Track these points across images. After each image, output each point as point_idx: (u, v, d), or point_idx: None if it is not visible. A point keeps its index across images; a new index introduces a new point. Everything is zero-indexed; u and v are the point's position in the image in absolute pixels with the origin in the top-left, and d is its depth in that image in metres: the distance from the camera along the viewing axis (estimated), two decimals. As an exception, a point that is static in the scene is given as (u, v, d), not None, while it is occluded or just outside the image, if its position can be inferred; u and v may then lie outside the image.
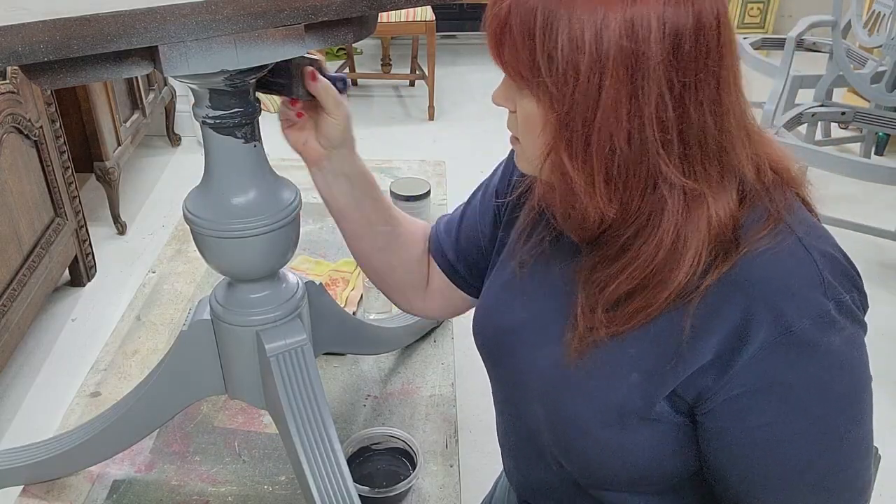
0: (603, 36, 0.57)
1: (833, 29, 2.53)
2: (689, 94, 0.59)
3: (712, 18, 0.59)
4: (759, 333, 0.62)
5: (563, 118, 0.60)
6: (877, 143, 3.33)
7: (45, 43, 0.56)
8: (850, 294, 0.65)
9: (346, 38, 0.71)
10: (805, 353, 0.62)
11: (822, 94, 2.66)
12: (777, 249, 0.63)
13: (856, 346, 0.65)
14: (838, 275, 0.64)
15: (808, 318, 0.61)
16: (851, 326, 0.65)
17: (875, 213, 2.95)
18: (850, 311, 0.65)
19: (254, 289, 0.84)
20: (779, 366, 0.62)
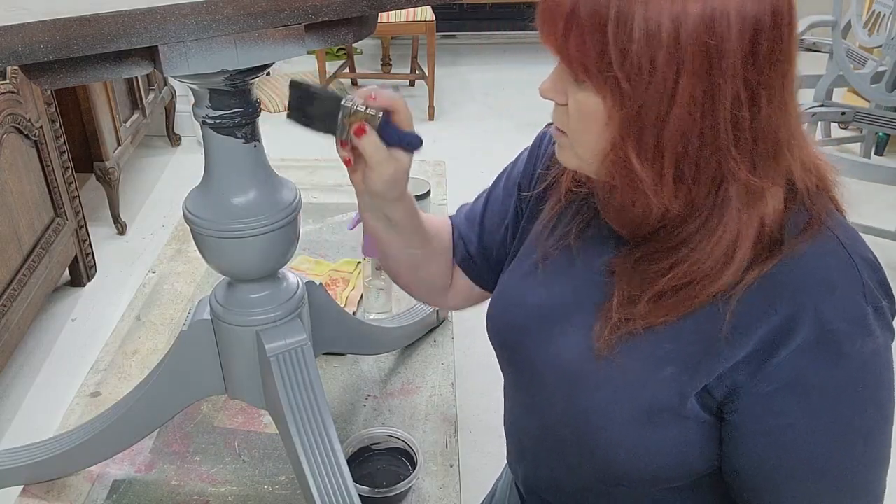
0: (681, 30, 0.55)
1: (833, 29, 2.53)
2: (763, 92, 0.58)
3: (786, 12, 0.58)
4: (798, 332, 0.62)
5: (634, 114, 0.59)
6: (877, 143, 3.33)
7: (45, 43, 0.56)
8: (885, 300, 0.64)
9: (346, 38, 0.71)
10: (838, 356, 0.62)
11: (822, 94, 2.66)
12: (820, 251, 0.64)
13: (886, 354, 0.64)
14: (875, 281, 0.64)
15: (847, 321, 0.61)
16: (883, 335, 0.64)
17: (875, 213, 2.95)
18: (885, 317, 0.64)
19: (254, 289, 0.84)
20: (811, 366, 0.62)
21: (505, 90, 4.08)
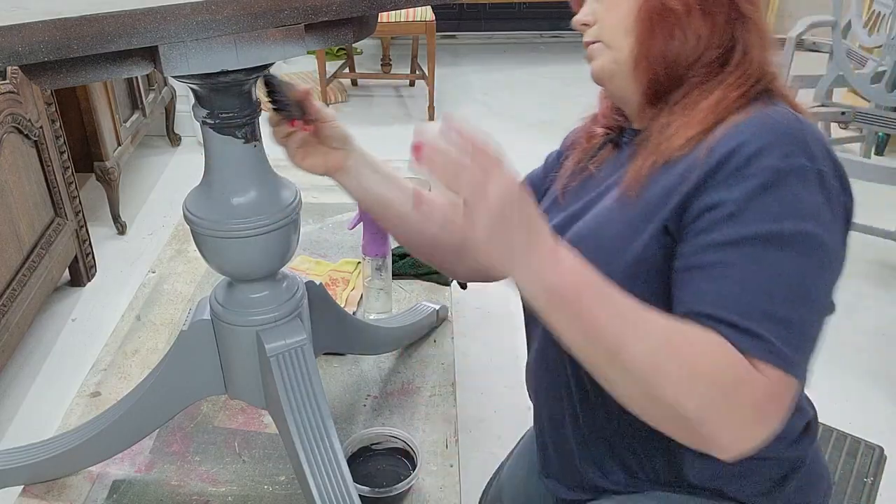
0: None
1: (833, 29, 2.53)
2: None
3: None
4: (730, 165, 0.69)
5: None
6: (877, 143, 3.33)
7: (45, 43, 0.56)
8: (827, 164, 0.70)
9: (346, 38, 0.71)
10: (778, 186, 0.68)
11: (822, 94, 2.66)
12: (783, 111, 0.73)
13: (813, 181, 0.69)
14: (822, 148, 0.71)
15: (777, 156, 0.68)
16: (817, 166, 0.69)
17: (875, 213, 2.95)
18: (823, 176, 0.69)
19: (254, 289, 0.84)
20: (751, 192, 0.68)
21: (505, 90, 4.08)
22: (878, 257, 2.74)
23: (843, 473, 1.21)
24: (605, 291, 0.63)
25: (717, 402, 0.61)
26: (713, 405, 0.61)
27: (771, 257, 0.66)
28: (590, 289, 0.63)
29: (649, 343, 0.62)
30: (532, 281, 0.62)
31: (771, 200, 0.67)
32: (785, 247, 0.67)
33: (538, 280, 0.62)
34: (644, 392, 0.62)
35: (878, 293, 2.53)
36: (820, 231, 0.67)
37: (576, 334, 0.63)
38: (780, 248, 0.66)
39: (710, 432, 0.62)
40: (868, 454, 1.25)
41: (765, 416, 0.63)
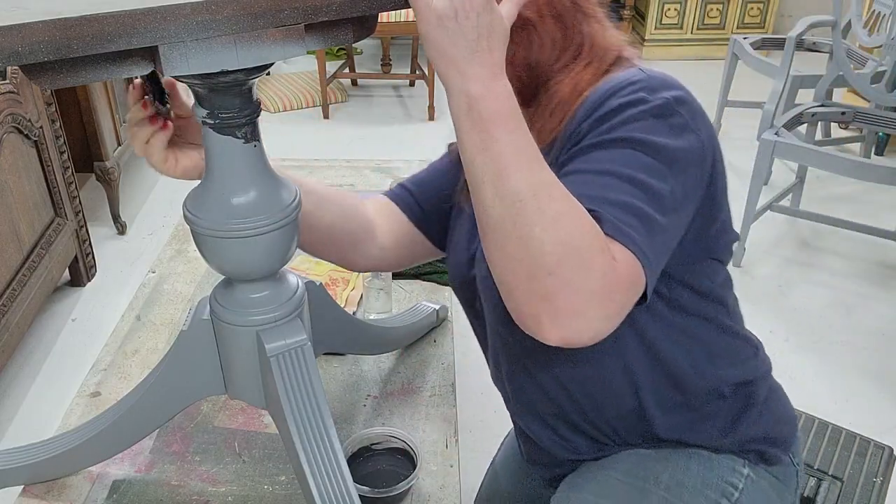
0: None
1: (833, 29, 2.53)
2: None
3: None
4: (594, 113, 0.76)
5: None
6: (877, 143, 3.33)
7: (45, 43, 0.56)
8: (670, 95, 0.76)
9: (346, 38, 0.71)
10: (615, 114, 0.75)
11: (822, 94, 2.66)
12: (629, 70, 0.80)
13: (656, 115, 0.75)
14: (664, 84, 0.77)
15: (622, 96, 0.75)
16: (664, 116, 0.75)
17: (875, 213, 2.95)
18: (665, 105, 0.75)
19: (254, 289, 0.84)
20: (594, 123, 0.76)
21: (505, 90, 4.08)
22: (878, 257, 2.74)
23: (853, 473, 1.21)
24: (518, 127, 0.67)
25: (572, 257, 0.64)
26: (568, 258, 0.64)
27: (597, 157, 0.73)
28: (506, 117, 0.67)
29: (534, 181, 0.66)
30: (460, 84, 0.66)
31: (609, 125, 0.74)
32: (610, 147, 0.73)
33: (466, 87, 0.66)
34: (513, 223, 0.66)
35: (878, 293, 2.53)
36: (655, 138, 0.73)
37: (476, 148, 0.67)
38: (606, 149, 0.74)
39: (555, 287, 0.64)
40: (877, 454, 1.24)
41: (609, 294, 0.66)
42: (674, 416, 0.89)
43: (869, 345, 2.28)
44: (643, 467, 0.90)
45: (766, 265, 2.70)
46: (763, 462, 0.93)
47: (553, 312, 0.65)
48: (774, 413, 0.95)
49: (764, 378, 0.95)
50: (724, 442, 0.91)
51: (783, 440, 0.95)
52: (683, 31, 4.63)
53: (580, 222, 0.65)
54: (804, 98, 2.85)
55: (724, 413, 0.90)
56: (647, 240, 0.69)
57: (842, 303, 2.49)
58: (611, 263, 0.65)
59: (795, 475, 0.97)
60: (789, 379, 2.19)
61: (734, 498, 0.89)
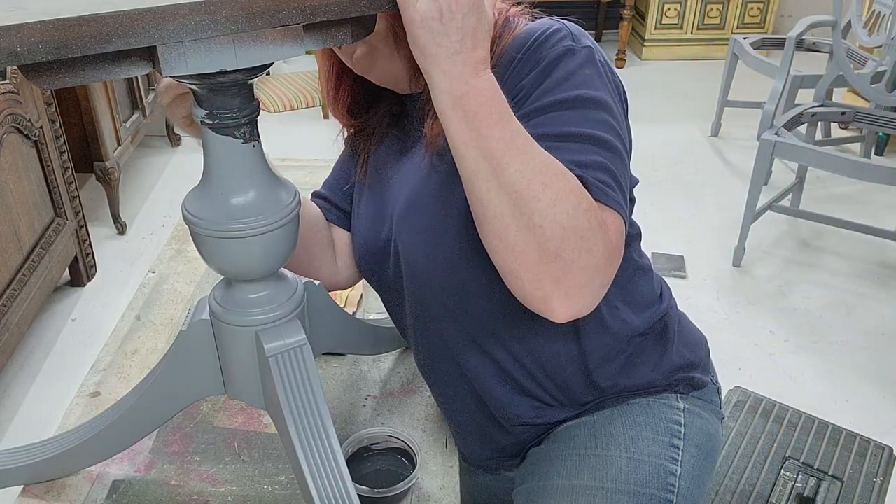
0: None
1: (833, 29, 2.53)
2: None
3: None
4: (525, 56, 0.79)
5: None
6: (877, 143, 3.33)
7: (45, 43, 0.56)
8: (590, 42, 0.80)
9: (345, 38, 0.71)
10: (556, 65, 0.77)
11: (822, 94, 2.66)
12: (538, 21, 0.82)
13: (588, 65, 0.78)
14: (581, 34, 0.81)
15: (555, 44, 0.78)
16: (590, 63, 0.78)
17: (875, 213, 2.95)
18: (591, 53, 0.79)
19: (253, 289, 0.84)
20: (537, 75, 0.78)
21: (505, 90, 4.08)
22: (878, 257, 2.74)
23: (853, 473, 1.21)
24: (504, 118, 0.68)
25: (573, 239, 0.67)
26: (570, 240, 0.67)
27: (553, 119, 0.76)
28: (491, 111, 0.68)
29: (526, 170, 0.67)
30: (444, 83, 0.68)
31: (552, 82, 0.77)
32: (564, 108, 0.76)
33: (449, 85, 0.68)
34: (512, 214, 0.67)
35: (878, 293, 2.53)
36: (596, 93, 0.77)
37: (465, 144, 0.69)
38: (561, 110, 0.76)
39: (561, 270, 0.67)
40: (877, 454, 1.25)
41: (610, 264, 0.70)
42: (608, 363, 0.93)
43: (869, 345, 2.28)
44: (597, 436, 0.93)
45: (766, 265, 2.70)
46: (693, 389, 0.98)
47: (563, 293, 0.69)
48: (688, 338, 1.01)
49: (672, 308, 1.01)
50: (656, 377, 0.95)
51: (701, 363, 1.01)
52: (683, 31, 4.63)
53: (575, 202, 0.68)
54: (804, 98, 2.85)
55: (648, 349, 0.95)
56: (622, 195, 0.75)
57: (842, 303, 2.49)
58: (607, 235, 0.69)
59: (717, 392, 1.04)
60: (789, 379, 2.20)
61: (682, 433, 0.94)
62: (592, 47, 0.79)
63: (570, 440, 0.94)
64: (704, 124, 3.71)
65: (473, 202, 0.71)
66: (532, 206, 0.67)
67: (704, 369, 1.02)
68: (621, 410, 0.94)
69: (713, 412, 1.01)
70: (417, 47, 0.67)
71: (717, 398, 1.04)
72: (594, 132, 0.75)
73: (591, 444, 0.92)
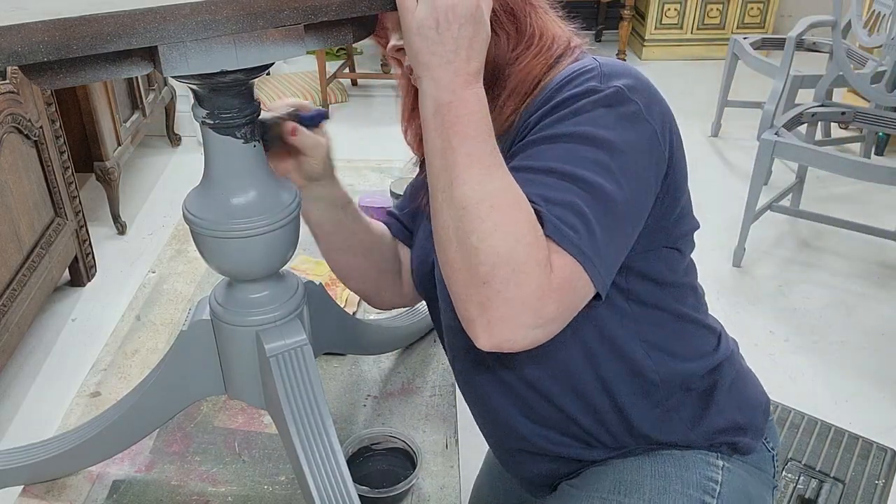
0: None
1: (833, 29, 2.53)
2: None
3: None
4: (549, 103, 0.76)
5: None
6: (877, 143, 3.33)
7: (45, 43, 0.56)
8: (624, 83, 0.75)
9: (346, 39, 0.71)
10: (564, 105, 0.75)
11: (822, 94, 2.66)
12: (583, 60, 0.80)
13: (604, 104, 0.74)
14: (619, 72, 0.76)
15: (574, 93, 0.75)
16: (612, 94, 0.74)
17: (875, 213, 2.95)
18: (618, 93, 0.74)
19: (254, 289, 0.84)
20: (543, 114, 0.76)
21: (505, 90, 4.08)
22: (878, 257, 2.74)
23: (855, 476, 1.21)
24: (479, 136, 0.68)
25: (504, 268, 0.66)
26: (501, 269, 0.66)
27: (543, 152, 0.73)
28: (467, 125, 0.68)
29: (481, 190, 0.67)
30: (432, 90, 0.68)
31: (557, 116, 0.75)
32: (557, 141, 0.73)
33: (436, 93, 0.68)
34: (455, 229, 0.68)
35: (878, 293, 2.53)
36: (600, 131, 0.72)
37: (435, 152, 0.69)
38: (552, 143, 0.73)
39: (487, 297, 0.66)
40: (880, 456, 1.24)
41: (541, 304, 0.67)
42: (642, 412, 0.89)
43: (869, 345, 2.28)
44: (623, 482, 0.89)
45: (766, 265, 2.70)
46: (736, 452, 0.92)
47: (485, 320, 0.67)
48: (741, 399, 0.94)
49: (728, 364, 0.94)
50: (692, 436, 0.90)
51: (753, 427, 0.94)
52: (683, 31, 4.63)
53: (518, 233, 0.66)
54: (804, 98, 2.85)
55: (688, 405, 0.90)
56: (590, 239, 0.70)
57: (842, 303, 2.49)
58: (546, 275, 0.66)
59: (772, 460, 0.97)
60: (789, 379, 2.20)
61: (717, 492, 0.89)
62: (621, 88, 0.74)
63: (596, 482, 0.91)
64: (704, 124, 3.70)
65: (431, 214, 0.71)
66: (474, 225, 0.66)
67: (756, 433, 0.95)
68: (653, 459, 0.90)
69: (761, 479, 0.94)
70: (412, 53, 0.68)
71: (771, 466, 0.97)
72: (577, 171, 0.71)
73: (616, 490, 0.89)
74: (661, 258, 0.85)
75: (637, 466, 0.90)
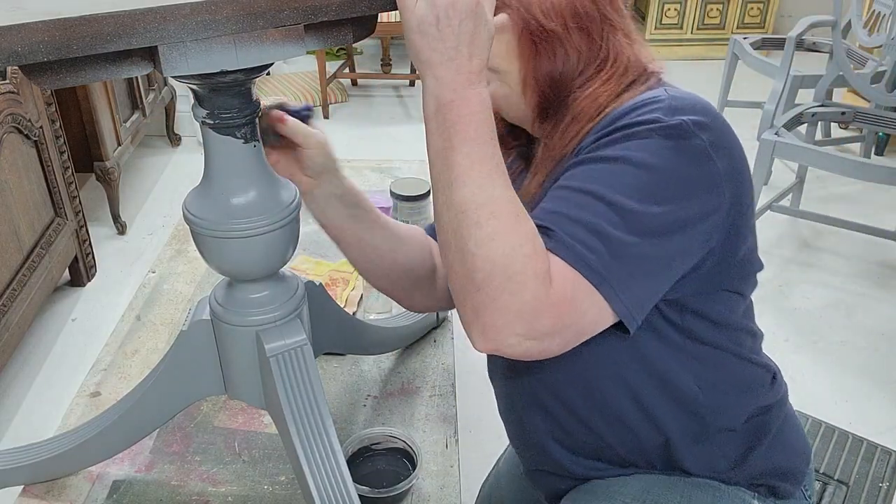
0: None
1: (833, 29, 2.53)
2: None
3: None
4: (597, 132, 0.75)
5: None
6: (877, 143, 3.33)
7: (45, 43, 0.56)
8: (692, 117, 0.73)
9: (346, 38, 0.71)
10: (623, 134, 0.72)
11: (822, 94, 2.66)
12: (655, 90, 0.78)
13: (660, 135, 0.72)
14: (689, 105, 0.74)
15: (638, 122, 0.72)
16: (673, 138, 0.72)
17: (875, 213, 2.95)
18: (681, 127, 0.72)
19: (254, 289, 0.84)
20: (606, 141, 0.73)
21: (505, 90, 4.08)
22: (878, 257, 2.74)
23: (859, 478, 1.20)
24: (480, 138, 0.67)
25: (499, 276, 0.65)
26: (495, 277, 0.65)
27: (583, 172, 0.72)
28: (469, 126, 0.67)
29: (481, 195, 0.66)
30: (434, 88, 0.67)
31: (608, 140, 0.73)
32: (600, 162, 0.71)
33: (438, 91, 0.67)
34: (454, 233, 0.67)
35: (878, 293, 2.53)
36: (651, 158, 0.70)
37: (436, 153, 0.69)
38: (595, 164, 0.72)
39: (481, 302, 0.66)
40: (884, 459, 1.24)
41: (535, 316, 0.65)
42: (686, 447, 0.86)
43: (869, 345, 2.28)
44: (652, 494, 0.87)
45: (767, 265, 2.68)
46: (773, 496, 0.90)
47: (480, 325, 0.67)
48: (786, 445, 0.91)
49: (778, 406, 0.91)
50: (733, 475, 0.88)
51: (794, 473, 0.92)
52: (683, 31, 4.63)
53: (516, 242, 0.65)
54: (804, 98, 2.85)
55: (734, 445, 0.87)
56: (611, 264, 0.67)
57: (842, 303, 2.49)
58: (543, 287, 0.65)
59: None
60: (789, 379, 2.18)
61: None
62: (687, 121, 0.71)
63: (624, 487, 0.89)
64: (704, 124, 3.70)
65: (434, 213, 0.71)
66: (471, 231, 0.66)
67: (797, 480, 0.92)
68: (687, 483, 0.88)
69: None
70: (413, 52, 0.67)
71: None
72: (612, 194, 0.69)
73: (642, 499, 0.87)
74: (719, 300, 0.82)
75: (670, 484, 0.88)
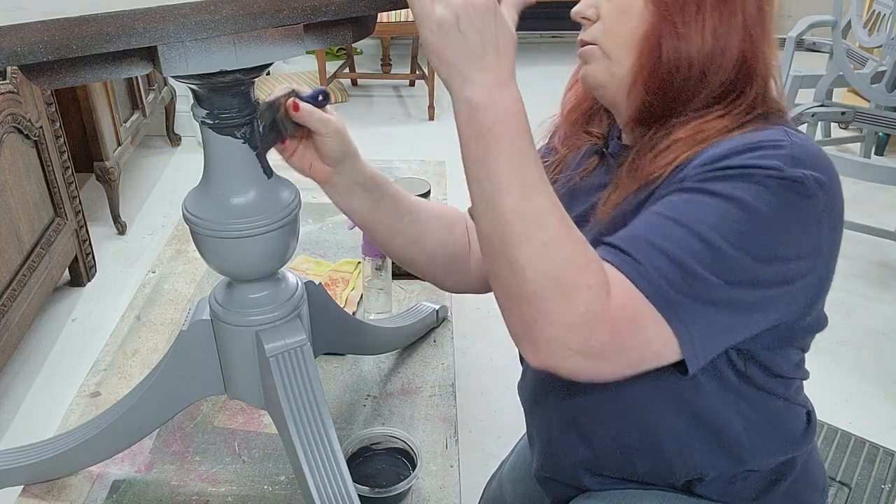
0: None
1: (833, 29, 2.53)
2: None
3: None
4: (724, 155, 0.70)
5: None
6: (877, 143, 3.33)
7: (45, 43, 0.56)
8: (808, 172, 0.68)
9: (346, 38, 0.71)
10: (719, 176, 0.68)
11: (822, 94, 2.66)
12: (762, 130, 0.72)
13: (774, 185, 0.67)
14: (806, 158, 0.69)
15: (761, 160, 0.68)
16: (793, 195, 0.67)
17: (875, 213, 2.95)
18: (799, 183, 0.67)
19: (253, 289, 0.84)
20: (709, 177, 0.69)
21: (505, 90, 4.08)
22: (878, 257, 2.74)
23: (861, 480, 1.20)
24: (519, 143, 0.64)
25: (551, 289, 0.61)
26: (547, 290, 0.62)
27: (683, 202, 0.68)
28: (506, 131, 0.63)
29: (525, 205, 0.63)
30: (463, 90, 0.64)
31: (719, 174, 0.68)
32: (705, 195, 0.67)
33: (469, 94, 0.63)
34: (500, 242, 0.64)
35: (878, 293, 2.53)
36: (766, 208, 0.66)
37: (474, 160, 0.65)
38: (699, 195, 0.67)
39: (532, 316, 0.62)
40: (886, 461, 1.24)
41: (589, 331, 0.62)
42: (711, 479, 0.85)
43: (869, 345, 2.28)
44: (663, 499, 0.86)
45: (766, 265, 2.69)
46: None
47: (532, 339, 0.64)
48: (808, 481, 0.90)
49: (801, 453, 0.89)
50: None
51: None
52: (683, 31, 4.63)
53: (569, 254, 0.62)
54: (804, 98, 2.85)
55: (758, 481, 0.86)
56: (687, 299, 0.64)
57: (842, 303, 2.49)
58: (598, 299, 0.62)
59: None
60: (789, 379, 2.19)
61: None
62: (810, 178, 0.67)
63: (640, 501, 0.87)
64: (704, 124, 3.70)
65: (474, 219, 0.67)
66: (520, 241, 0.62)
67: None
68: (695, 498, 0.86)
69: None
70: (436, 56, 0.63)
71: None
72: (711, 234, 0.65)
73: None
74: (783, 355, 0.81)
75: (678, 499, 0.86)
